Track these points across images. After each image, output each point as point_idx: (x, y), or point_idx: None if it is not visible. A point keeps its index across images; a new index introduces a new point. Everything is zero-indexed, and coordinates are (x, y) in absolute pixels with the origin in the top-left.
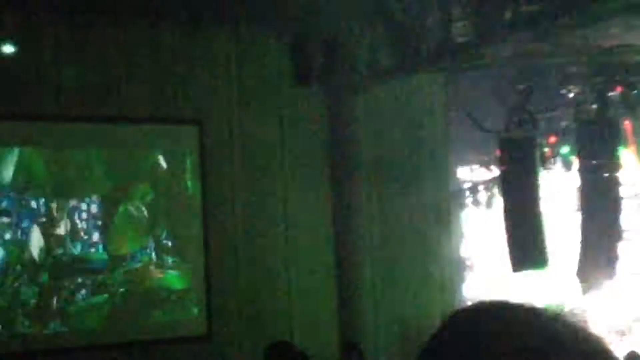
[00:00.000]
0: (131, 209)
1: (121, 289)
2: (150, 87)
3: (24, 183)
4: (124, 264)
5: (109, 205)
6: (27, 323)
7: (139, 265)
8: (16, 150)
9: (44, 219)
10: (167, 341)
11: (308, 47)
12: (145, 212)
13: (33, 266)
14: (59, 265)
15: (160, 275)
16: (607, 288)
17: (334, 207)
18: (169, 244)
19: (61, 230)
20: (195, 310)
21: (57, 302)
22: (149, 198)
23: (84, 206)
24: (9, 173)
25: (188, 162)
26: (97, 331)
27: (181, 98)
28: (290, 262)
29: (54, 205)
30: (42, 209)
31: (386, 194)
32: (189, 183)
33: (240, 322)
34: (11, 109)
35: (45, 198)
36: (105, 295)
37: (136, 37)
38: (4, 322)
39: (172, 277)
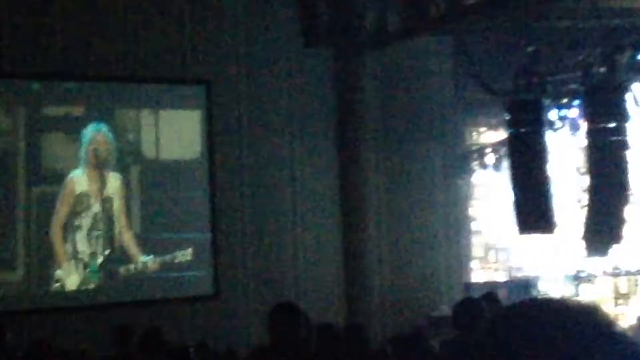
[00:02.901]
0: (137, 170)
1: None
2: (159, 47)
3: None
4: None
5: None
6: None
7: None
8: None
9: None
10: (175, 300)
11: (316, 6)
12: (153, 173)
13: None
14: None
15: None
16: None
17: (340, 168)
18: (176, 205)
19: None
20: (204, 271)
21: None
22: (156, 159)
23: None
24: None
25: (196, 122)
26: (104, 291)
27: (190, 58)
28: (297, 223)
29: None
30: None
31: (393, 156)
32: (197, 143)
33: (248, 283)
34: (15, 69)
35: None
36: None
37: None
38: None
39: (180, 238)
